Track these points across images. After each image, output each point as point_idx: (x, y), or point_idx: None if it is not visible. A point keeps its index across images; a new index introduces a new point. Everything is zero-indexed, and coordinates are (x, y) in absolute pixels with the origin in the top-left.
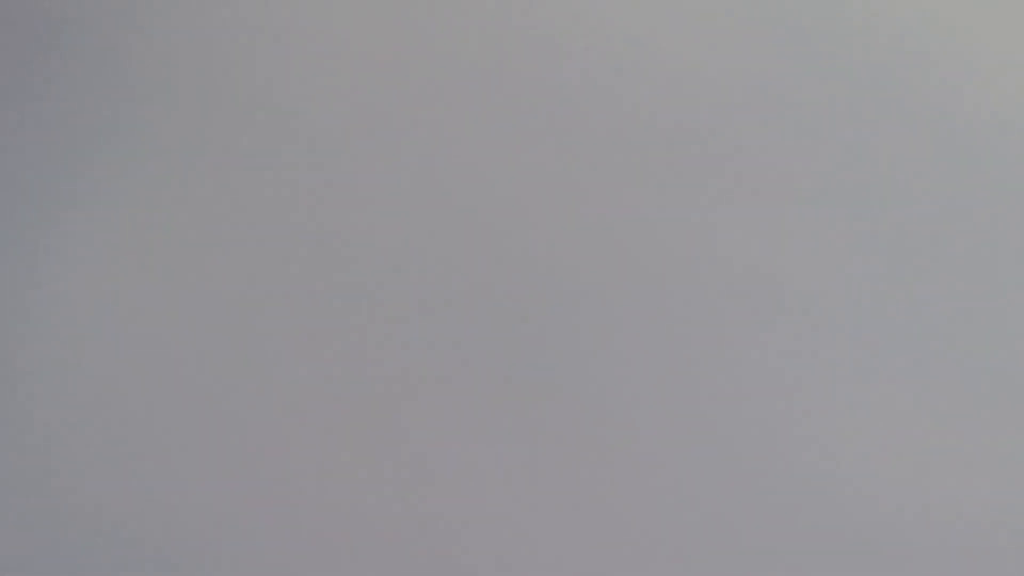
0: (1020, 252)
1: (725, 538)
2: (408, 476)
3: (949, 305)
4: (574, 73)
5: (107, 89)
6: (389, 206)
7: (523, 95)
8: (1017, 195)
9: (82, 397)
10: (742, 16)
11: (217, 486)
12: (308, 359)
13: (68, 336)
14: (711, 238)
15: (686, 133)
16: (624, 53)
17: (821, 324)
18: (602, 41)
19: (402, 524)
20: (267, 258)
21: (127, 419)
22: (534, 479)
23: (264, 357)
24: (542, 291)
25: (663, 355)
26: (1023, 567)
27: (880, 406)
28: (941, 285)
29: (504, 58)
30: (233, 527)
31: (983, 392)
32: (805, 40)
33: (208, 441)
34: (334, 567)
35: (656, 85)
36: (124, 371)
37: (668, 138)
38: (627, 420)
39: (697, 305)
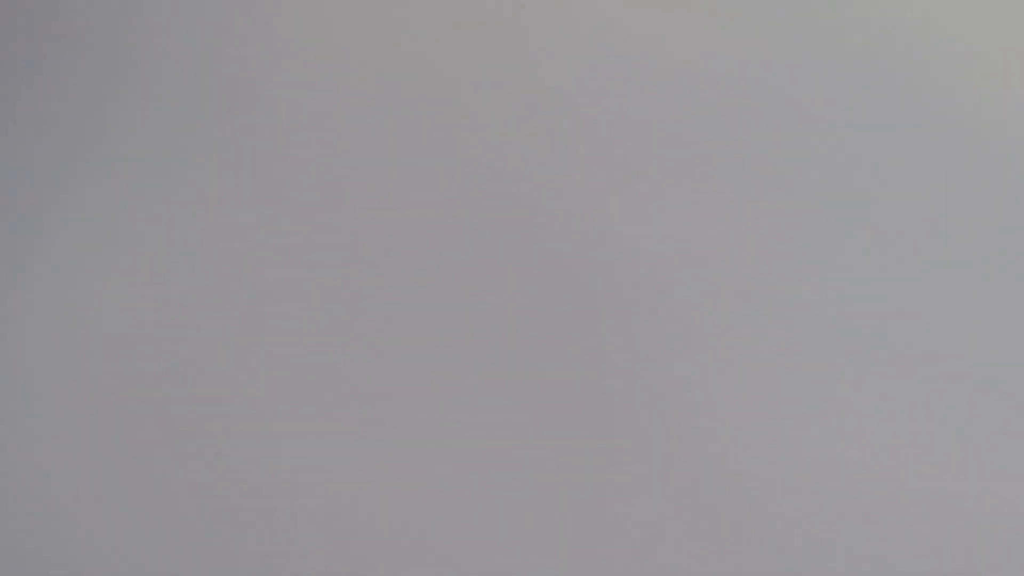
0: (1020, 255)
1: (724, 538)
2: (408, 475)
3: (947, 309)
4: (573, 75)
5: (105, 89)
6: (391, 209)
7: (522, 98)
8: (1016, 198)
9: (80, 397)
10: (743, 23)
11: (216, 484)
12: (308, 358)
13: (68, 337)
14: (710, 242)
15: (684, 137)
16: (624, 57)
17: (818, 327)
18: (603, 44)
19: (401, 523)
20: (267, 258)
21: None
22: (533, 479)
23: (264, 355)
24: (541, 292)
25: (662, 356)
26: (1022, 567)
27: (878, 409)
28: (939, 289)
29: (506, 62)
30: (231, 524)
31: (981, 396)
32: (804, 46)
33: (207, 438)
34: (335, 565)
35: (653, 89)
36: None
37: (666, 142)
38: (626, 422)
39: (696, 307)
